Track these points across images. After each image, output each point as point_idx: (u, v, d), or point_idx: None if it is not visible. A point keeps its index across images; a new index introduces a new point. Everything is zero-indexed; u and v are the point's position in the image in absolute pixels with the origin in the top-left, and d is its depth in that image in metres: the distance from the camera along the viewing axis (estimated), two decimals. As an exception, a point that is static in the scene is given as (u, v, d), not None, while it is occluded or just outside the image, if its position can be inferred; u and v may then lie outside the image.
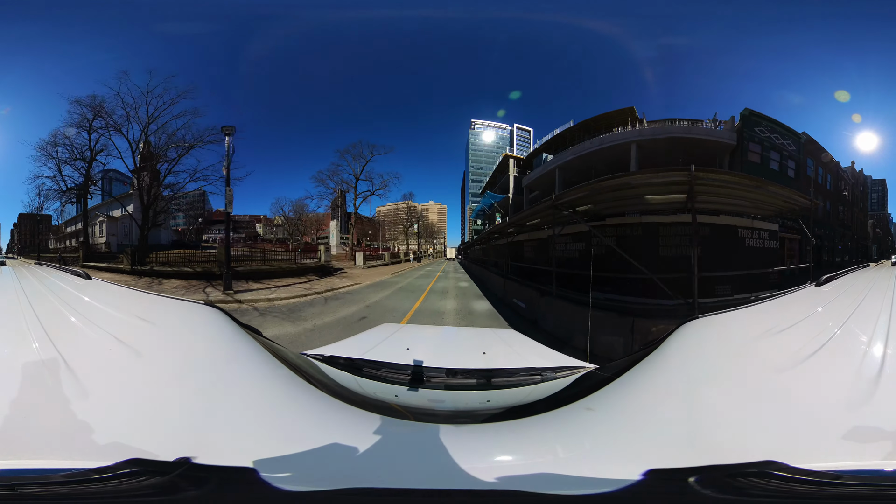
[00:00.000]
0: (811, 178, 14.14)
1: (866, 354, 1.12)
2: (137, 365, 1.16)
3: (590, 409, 1.25)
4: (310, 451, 0.97)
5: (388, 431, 1.08)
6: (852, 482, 0.79)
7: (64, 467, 0.82)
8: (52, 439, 0.89)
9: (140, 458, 0.84)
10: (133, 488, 0.81)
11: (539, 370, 1.87)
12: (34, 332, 1.24)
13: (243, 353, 1.36)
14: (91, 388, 1.01)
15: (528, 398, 1.63)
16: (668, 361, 1.34)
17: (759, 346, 1.29)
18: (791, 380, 1.07)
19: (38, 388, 1.01)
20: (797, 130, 14.51)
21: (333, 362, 1.87)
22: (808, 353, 1.12)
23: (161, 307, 1.70)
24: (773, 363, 1.13)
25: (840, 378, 1.04)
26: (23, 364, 1.10)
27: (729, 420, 1.00)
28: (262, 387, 1.24)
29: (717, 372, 1.22)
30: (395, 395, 1.61)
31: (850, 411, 0.93)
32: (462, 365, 1.90)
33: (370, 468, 0.96)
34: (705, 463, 0.87)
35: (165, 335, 1.41)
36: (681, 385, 1.21)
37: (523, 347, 2.60)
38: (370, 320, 8.54)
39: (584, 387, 1.61)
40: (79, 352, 1.15)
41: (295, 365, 1.52)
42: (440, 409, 1.61)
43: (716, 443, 0.94)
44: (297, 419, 1.15)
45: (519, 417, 1.31)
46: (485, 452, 1.05)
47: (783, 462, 0.82)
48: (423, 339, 3.12)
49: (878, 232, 18.36)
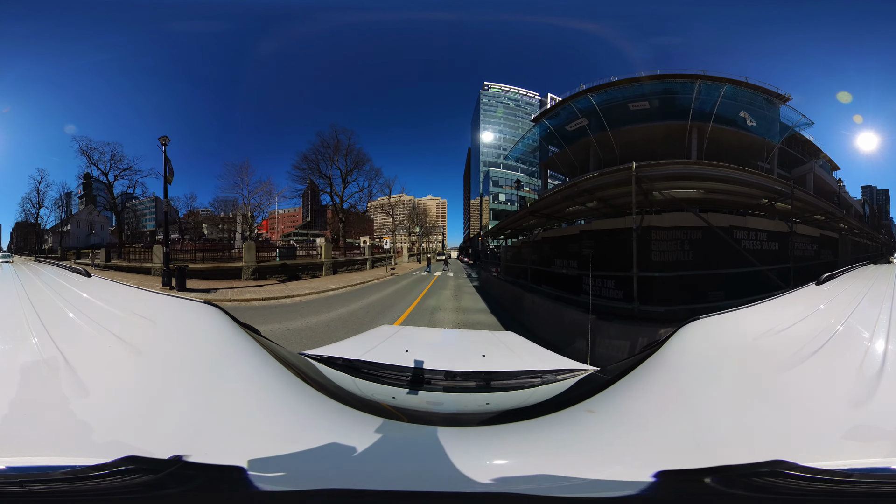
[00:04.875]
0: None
1: (868, 351, 1.12)
2: (137, 363, 1.16)
3: (591, 411, 1.24)
4: (304, 452, 0.97)
5: (385, 433, 1.07)
6: (866, 480, 0.79)
7: (64, 464, 0.82)
8: (54, 437, 0.89)
9: (135, 456, 0.84)
10: (125, 486, 0.81)
11: (539, 373, 1.86)
12: (34, 329, 1.24)
13: (242, 352, 1.36)
14: (90, 386, 1.01)
15: (528, 401, 1.62)
16: (669, 363, 1.33)
17: (761, 345, 1.28)
18: (794, 378, 1.06)
19: (38, 386, 1.01)
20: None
21: (331, 363, 1.86)
22: (811, 352, 1.12)
23: (160, 305, 1.69)
24: (776, 362, 1.12)
25: (843, 376, 1.03)
26: (22, 361, 1.10)
27: (733, 420, 1.00)
28: (260, 386, 1.23)
29: (720, 372, 1.21)
30: (392, 396, 1.60)
31: (853, 409, 0.92)
32: (461, 367, 1.89)
33: (366, 470, 0.95)
34: (713, 464, 0.86)
35: (165, 333, 1.41)
36: (683, 386, 1.21)
37: (523, 350, 2.59)
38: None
39: (584, 389, 1.60)
40: (78, 349, 1.15)
41: (293, 365, 1.52)
42: (438, 411, 1.60)
43: (722, 443, 0.94)
44: (294, 419, 1.14)
45: (519, 420, 1.30)
46: (483, 455, 1.04)
47: (791, 461, 0.82)
48: (422, 341, 3.12)
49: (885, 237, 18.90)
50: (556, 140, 20.58)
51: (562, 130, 19.56)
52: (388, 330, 3.30)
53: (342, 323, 9.52)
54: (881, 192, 20.62)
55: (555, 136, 20.40)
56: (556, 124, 19.76)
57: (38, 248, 25.37)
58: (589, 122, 17.63)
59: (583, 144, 18.22)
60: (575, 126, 18.50)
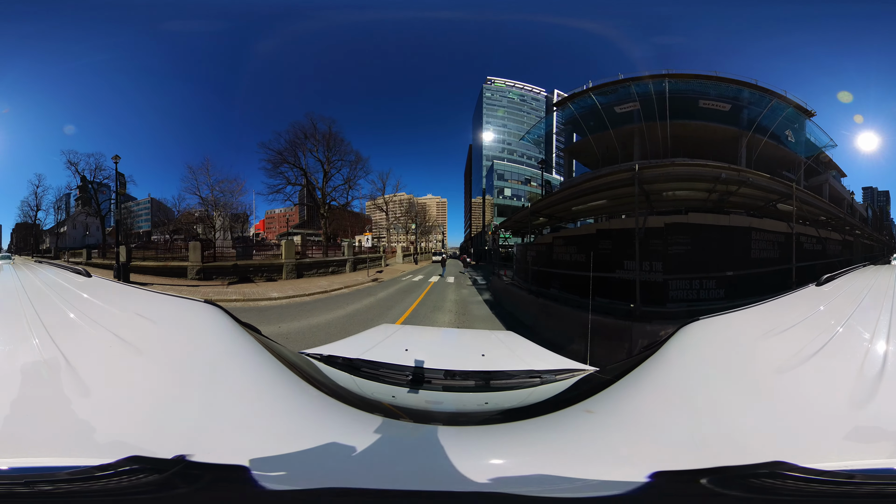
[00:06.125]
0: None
1: (869, 352, 1.12)
2: (138, 362, 1.16)
3: (590, 411, 1.24)
4: (305, 451, 0.97)
5: (385, 432, 1.07)
6: (870, 481, 0.79)
7: (67, 465, 0.82)
8: (56, 437, 0.89)
9: (139, 456, 0.85)
10: (133, 486, 0.81)
11: (538, 372, 1.86)
12: (34, 330, 1.24)
13: (243, 351, 1.36)
14: (92, 386, 1.01)
15: (527, 400, 1.62)
16: (669, 363, 1.33)
17: (761, 346, 1.28)
18: (794, 380, 1.06)
19: (40, 386, 1.01)
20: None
21: (332, 362, 1.87)
22: (811, 353, 1.12)
23: (161, 304, 1.69)
24: (776, 363, 1.12)
25: (843, 377, 1.03)
26: (23, 361, 1.10)
27: (733, 421, 0.99)
28: (261, 385, 1.23)
29: (719, 373, 1.21)
30: (392, 395, 1.61)
31: (854, 410, 0.92)
32: (461, 366, 1.90)
33: (365, 469, 0.95)
34: (712, 465, 0.86)
35: (165, 333, 1.41)
36: (683, 386, 1.21)
37: (523, 350, 2.59)
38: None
39: (583, 389, 1.60)
40: (79, 349, 1.15)
41: (293, 364, 1.52)
42: (438, 410, 1.60)
43: (721, 444, 0.94)
44: (294, 418, 1.14)
45: (517, 420, 1.30)
46: (482, 454, 1.04)
47: (791, 462, 0.82)
48: (421, 340, 3.12)
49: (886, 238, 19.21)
50: (592, 122, 18.99)
51: (609, 111, 18.16)
52: (388, 329, 3.32)
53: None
54: (882, 193, 20.84)
55: (593, 117, 18.78)
56: (605, 102, 18.15)
57: (36, 249, 26.56)
58: (641, 107, 16.99)
59: (626, 131, 17.57)
60: (625, 109, 17.66)
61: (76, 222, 26.71)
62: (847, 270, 2.24)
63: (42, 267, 3.09)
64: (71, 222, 26.63)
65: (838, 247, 12.73)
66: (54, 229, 27.05)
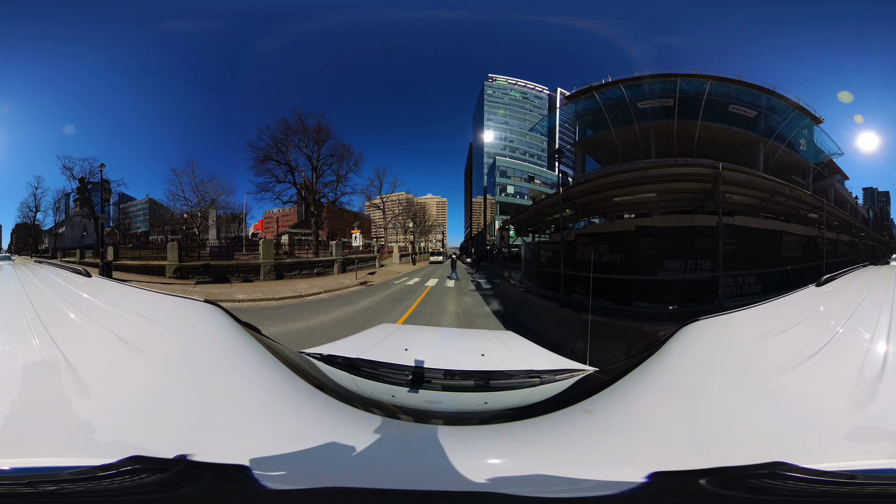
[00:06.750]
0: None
1: (869, 352, 1.12)
2: (138, 362, 1.16)
3: (589, 411, 1.24)
4: (305, 451, 0.97)
5: (384, 432, 1.07)
6: (872, 482, 0.78)
7: (68, 465, 0.83)
8: (56, 437, 0.89)
9: (141, 456, 0.85)
10: (136, 486, 0.82)
11: (538, 372, 1.86)
12: (34, 330, 1.23)
13: (243, 350, 1.36)
14: (92, 386, 1.01)
15: (527, 400, 1.62)
16: (668, 364, 1.33)
17: (761, 346, 1.28)
18: (794, 380, 1.06)
19: (40, 386, 1.01)
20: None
21: (331, 361, 1.87)
22: (811, 353, 1.11)
23: (161, 304, 1.69)
24: (776, 364, 1.12)
25: (844, 377, 1.03)
26: (23, 362, 1.10)
27: (732, 422, 0.99)
28: (261, 384, 1.23)
29: (719, 373, 1.21)
30: (392, 395, 1.61)
31: (855, 410, 0.92)
32: (460, 366, 1.90)
33: (364, 468, 0.95)
34: (711, 465, 0.86)
35: (166, 332, 1.41)
36: (682, 387, 1.21)
37: (522, 350, 2.59)
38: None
39: (583, 389, 1.60)
40: (79, 349, 1.15)
41: (293, 363, 1.52)
42: (437, 410, 1.60)
43: (720, 445, 0.94)
44: (294, 417, 1.14)
45: (517, 419, 1.30)
46: (481, 454, 1.05)
47: (791, 462, 0.81)
48: (421, 340, 3.12)
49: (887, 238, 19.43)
50: (613, 115, 18.12)
51: (634, 106, 17.39)
52: (387, 328, 3.32)
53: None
54: (882, 193, 20.96)
55: (618, 109, 17.83)
56: (633, 96, 17.36)
57: (35, 249, 27.09)
58: (675, 104, 16.50)
59: (652, 127, 17.07)
60: (653, 105, 17.06)
61: (74, 223, 27.23)
62: (847, 271, 2.23)
63: (42, 267, 3.09)
64: (69, 223, 27.19)
65: (846, 247, 14.31)
66: (53, 230, 27.64)
